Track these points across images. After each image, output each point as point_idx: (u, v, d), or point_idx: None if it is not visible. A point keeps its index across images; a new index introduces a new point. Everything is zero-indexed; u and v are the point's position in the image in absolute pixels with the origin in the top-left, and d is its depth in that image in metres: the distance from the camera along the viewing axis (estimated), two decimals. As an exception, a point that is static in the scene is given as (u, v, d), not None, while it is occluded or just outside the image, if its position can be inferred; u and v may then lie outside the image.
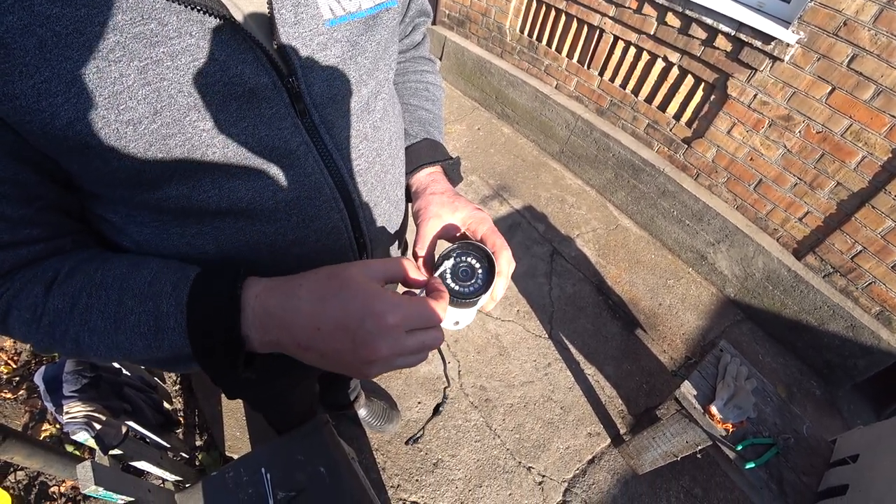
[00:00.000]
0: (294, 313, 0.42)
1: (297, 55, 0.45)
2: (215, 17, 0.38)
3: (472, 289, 0.53)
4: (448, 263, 0.53)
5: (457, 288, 0.52)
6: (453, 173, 0.72)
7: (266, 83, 0.43)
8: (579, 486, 1.72)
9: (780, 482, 1.30)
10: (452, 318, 0.55)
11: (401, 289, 0.51)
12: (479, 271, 0.54)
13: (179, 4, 0.36)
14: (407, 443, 1.74)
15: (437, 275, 0.52)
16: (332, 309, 0.41)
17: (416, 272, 0.49)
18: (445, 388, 1.27)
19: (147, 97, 0.37)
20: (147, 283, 0.43)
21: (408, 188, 0.71)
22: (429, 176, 0.68)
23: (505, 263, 0.55)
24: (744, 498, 1.76)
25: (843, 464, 1.29)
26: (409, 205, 0.71)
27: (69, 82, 0.34)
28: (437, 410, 1.58)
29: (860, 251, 2.00)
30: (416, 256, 0.58)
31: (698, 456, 1.50)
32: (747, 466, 1.30)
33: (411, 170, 0.69)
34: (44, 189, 0.42)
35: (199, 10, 0.37)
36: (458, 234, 0.61)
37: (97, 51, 0.34)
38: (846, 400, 2.21)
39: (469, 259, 0.54)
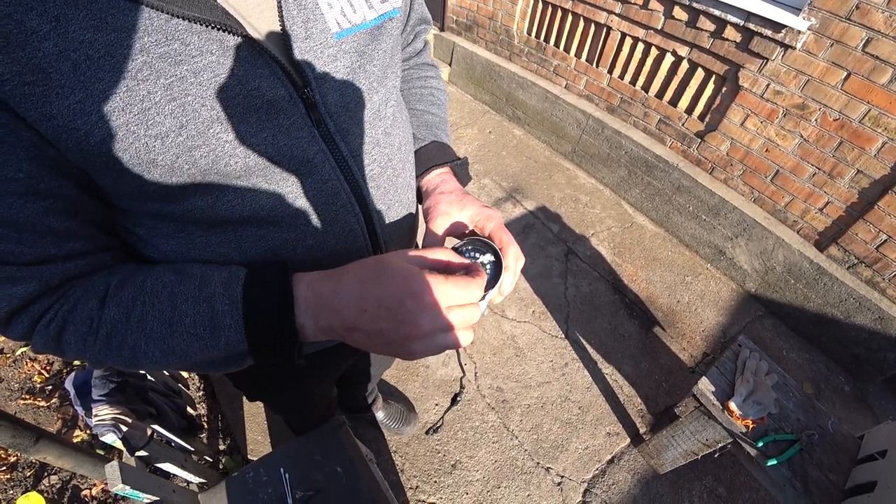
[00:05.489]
0: (343, 297, 0.44)
1: (311, 67, 0.47)
2: (233, 35, 0.41)
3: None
4: None
5: None
6: (462, 174, 0.74)
7: (283, 95, 0.46)
8: (599, 487, 1.70)
9: (805, 479, 1.26)
10: None
11: None
12: (487, 266, 0.54)
13: (199, 25, 0.39)
14: (427, 433, 1.76)
15: None
16: (374, 290, 0.44)
17: (456, 257, 0.51)
18: (462, 377, 1.25)
19: (173, 112, 0.40)
20: (196, 287, 0.46)
21: (418, 190, 0.72)
22: (438, 177, 0.70)
23: (512, 258, 0.56)
24: (770, 498, 1.72)
25: (870, 460, 1.25)
26: (420, 206, 0.73)
27: (102, 101, 0.37)
28: (454, 400, 1.57)
29: (885, 240, 1.93)
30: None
31: (716, 455, 1.47)
32: (769, 463, 1.27)
33: (421, 172, 0.71)
34: (84, 203, 0.44)
35: (218, 29, 0.40)
36: (466, 232, 0.62)
37: (127, 71, 0.37)
38: (877, 395, 2.13)
39: (476, 254, 0.55)
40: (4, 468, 1.51)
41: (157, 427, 1.20)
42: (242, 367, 0.49)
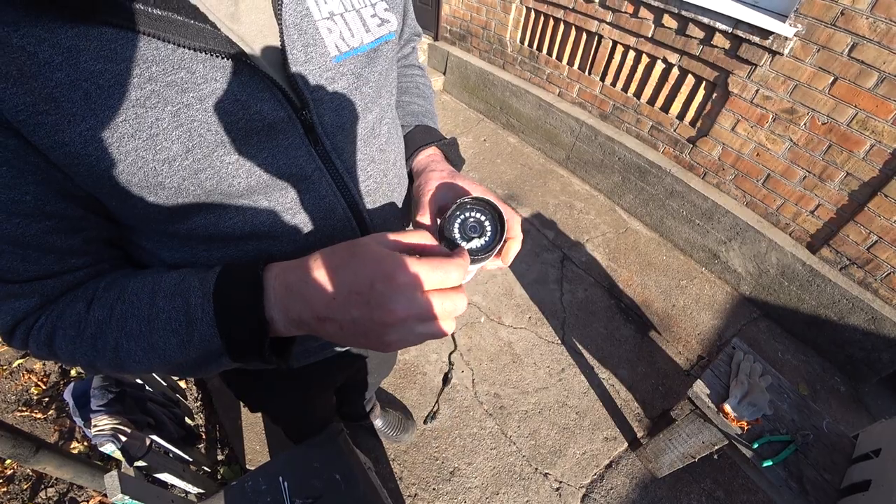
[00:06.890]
0: (311, 286, 0.42)
1: (309, 90, 0.49)
2: (236, 62, 0.43)
3: (481, 244, 0.51)
4: (456, 220, 0.52)
5: (466, 245, 0.51)
6: (453, 156, 0.72)
7: (282, 117, 0.47)
8: (597, 492, 1.70)
9: (801, 480, 1.27)
10: None
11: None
12: (488, 226, 0.52)
13: (205, 53, 0.41)
14: (425, 421, 1.80)
15: (442, 229, 0.51)
16: (344, 276, 0.42)
17: (433, 240, 0.47)
18: (451, 353, 1.21)
19: (180, 137, 0.41)
20: (176, 283, 0.46)
21: (409, 173, 0.71)
22: (428, 157, 0.69)
23: (516, 227, 0.54)
24: (768, 500, 1.72)
25: (865, 459, 1.26)
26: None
27: (112, 129, 0.38)
28: (446, 379, 1.51)
29: (876, 241, 1.96)
30: (417, 226, 0.57)
31: (715, 457, 1.47)
32: (765, 464, 1.28)
33: (409, 156, 0.71)
34: (87, 221, 0.46)
35: (222, 57, 0.42)
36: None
37: (136, 99, 0.39)
38: (872, 395, 2.14)
39: (476, 214, 0.52)
40: (1, 481, 1.51)
41: (155, 437, 1.20)
42: (223, 367, 0.48)
